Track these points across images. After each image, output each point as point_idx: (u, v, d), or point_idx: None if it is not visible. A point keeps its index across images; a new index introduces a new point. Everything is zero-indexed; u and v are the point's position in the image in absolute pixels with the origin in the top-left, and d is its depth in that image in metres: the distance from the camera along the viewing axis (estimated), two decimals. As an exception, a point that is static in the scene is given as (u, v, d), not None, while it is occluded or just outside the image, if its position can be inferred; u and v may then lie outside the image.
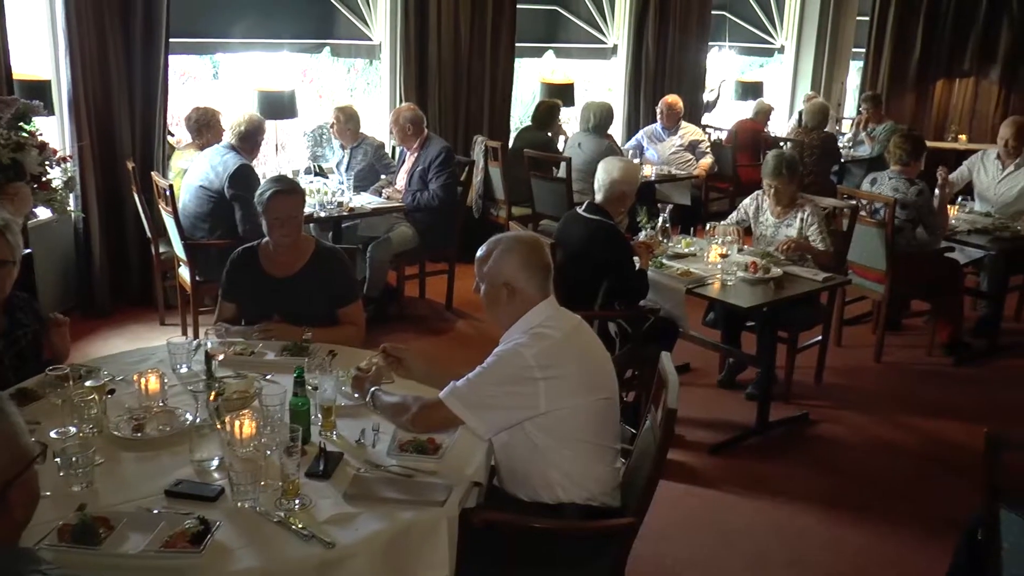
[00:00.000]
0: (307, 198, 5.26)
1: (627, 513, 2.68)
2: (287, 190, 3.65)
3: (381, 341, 3.11)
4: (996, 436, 2.51)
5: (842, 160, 8.50)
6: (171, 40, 5.98)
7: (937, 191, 5.82)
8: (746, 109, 9.46)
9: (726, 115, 9.76)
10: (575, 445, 2.65)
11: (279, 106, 6.50)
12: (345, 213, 5.78)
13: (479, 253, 2.79)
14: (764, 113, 8.98)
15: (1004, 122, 6.59)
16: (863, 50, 10.83)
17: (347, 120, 6.37)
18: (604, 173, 4.50)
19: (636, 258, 4.52)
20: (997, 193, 6.48)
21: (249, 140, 5.49)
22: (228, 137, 5.54)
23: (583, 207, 4.54)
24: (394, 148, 6.85)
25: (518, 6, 7.66)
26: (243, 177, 5.26)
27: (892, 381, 5.62)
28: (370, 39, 7.38)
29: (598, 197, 4.49)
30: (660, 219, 5.11)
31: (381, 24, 7.29)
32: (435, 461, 2.55)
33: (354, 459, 2.57)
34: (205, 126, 5.85)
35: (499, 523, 2.60)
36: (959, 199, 6.51)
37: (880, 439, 4.83)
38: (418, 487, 2.42)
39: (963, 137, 10.39)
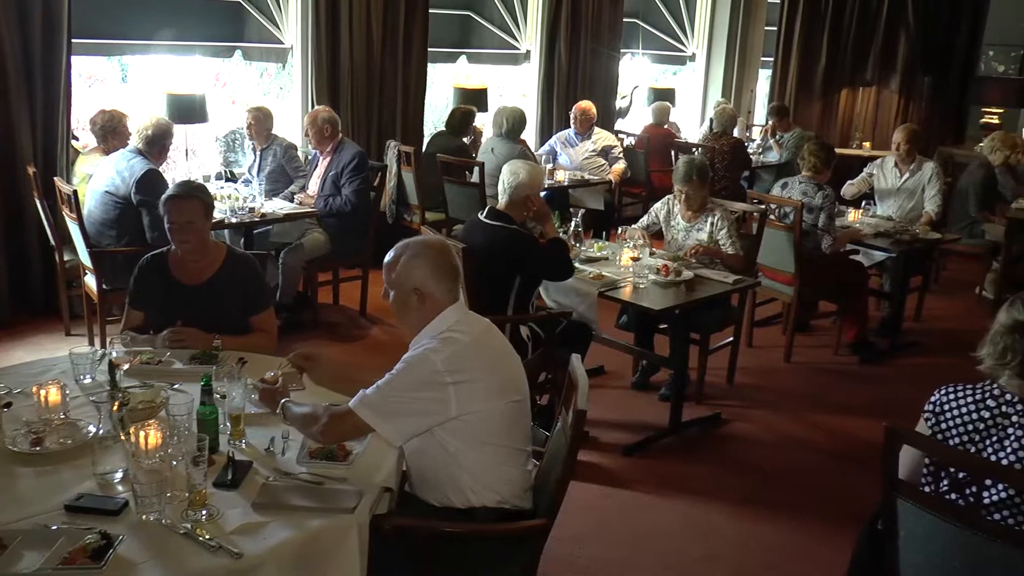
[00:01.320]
0: (218, 204, 5.20)
1: (539, 515, 2.69)
2: (181, 194, 3.58)
3: (294, 349, 3.07)
4: (894, 430, 2.59)
5: (752, 166, 8.68)
6: (75, 41, 5.80)
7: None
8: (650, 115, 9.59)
9: (639, 121, 9.88)
10: (485, 448, 2.66)
11: (189, 110, 6.37)
12: (257, 219, 5.70)
13: (387, 259, 2.77)
14: (663, 112, 9.09)
15: (897, 129, 6.86)
16: (772, 59, 11.10)
17: (264, 119, 6.29)
18: (510, 175, 4.47)
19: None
20: (896, 198, 6.73)
21: (156, 144, 5.37)
22: (135, 141, 5.40)
23: (484, 213, 4.51)
24: (305, 155, 6.77)
25: (431, 11, 7.65)
26: (150, 182, 5.14)
27: (801, 380, 5.77)
28: (282, 43, 7.29)
29: (501, 200, 4.47)
30: (572, 223, 5.16)
31: (292, 27, 7.21)
32: (345, 468, 2.53)
33: (263, 468, 2.53)
34: (111, 130, 5.69)
35: (410, 528, 2.59)
36: (863, 203, 6.72)
37: (790, 436, 4.96)
38: (328, 494, 2.40)
39: (867, 144, 10.72)
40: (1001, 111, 9.60)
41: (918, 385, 2.77)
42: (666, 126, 9.08)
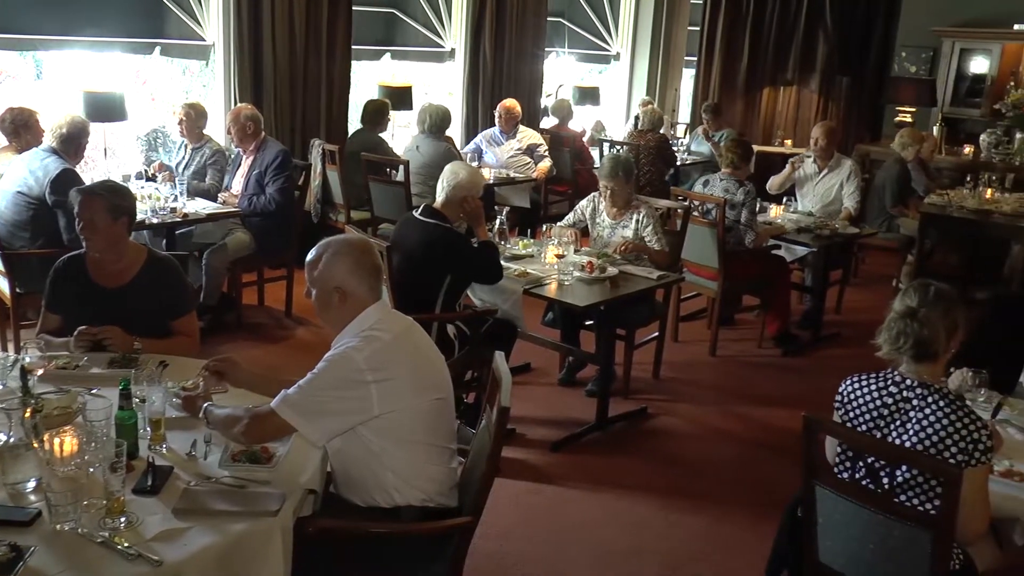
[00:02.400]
0: (139, 204, 5.07)
1: (464, 512, 2.70)
2: (84, 191, 3.51)
3: (219, 351, 3.05)
4: (812, 419, 2.67)
5: (676, 163, 8.80)
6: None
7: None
8: (583, 113, 9.65)
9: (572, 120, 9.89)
10: (409, 446, 2.66)
11: (107, 108, 6.21)
12: (179, 219, 5.59)
13: (309, 257, 2.75)
14: (563, 110, 9.14)
15: (816, 125, 7.03)
16: (695, 58, 11.26)
17: (197, 116, 6.16)
18: (451, 174, 4.48)
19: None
20: (816, 194, 6.89)
21: (72, 143, 5.23)
22: (49, 140, 5.24)
23: (419, 211, 4.50)
24: (228, 154, 6.66)
25: (354, 8, 7.59)
26: (65, 182, 4.99)
27: (726, 373, 5.87)
28: (203, 39, 7.17)
29: (438, 199, 4.47)
30: (497, 221, 5.18)
31: (214, 24, 7.09)
32: (268, 470, 2.51)
33: (185, 472, 2.50)
34: (22, 127, 5.51)
35: (335, 530, 2.58)
36: (784, 199, 6.87)
37: (715, 428, 5.05)
38: (251, 498, 2.37)
39: (788, 142, 10.95)
40: (914, 110, 9.87)
41: (839, 375, 2.84)
42: (570, 125, 9.10)
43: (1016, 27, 9.54)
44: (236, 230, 5.95)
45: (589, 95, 9.89)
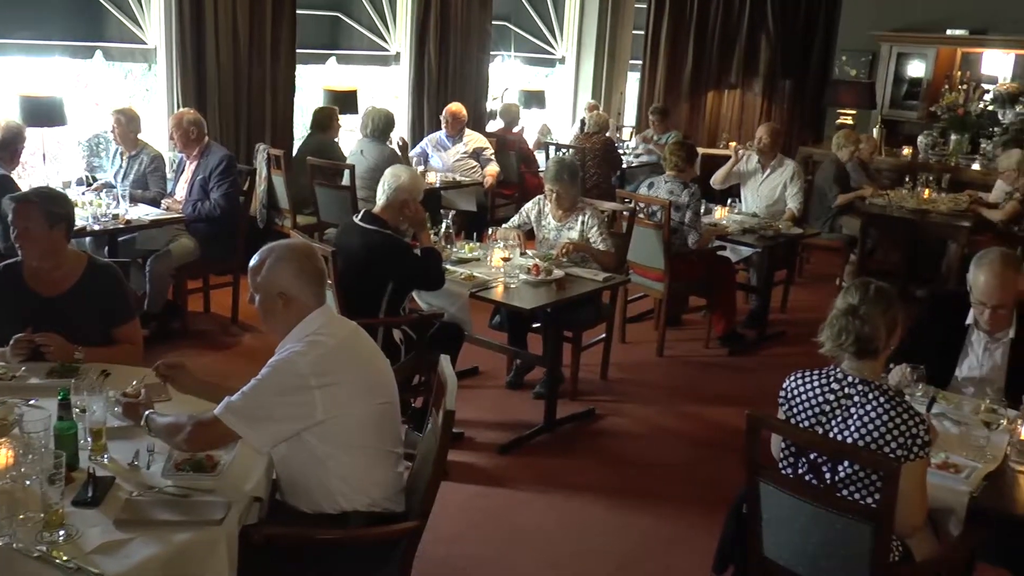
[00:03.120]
0: (80, 211, 4.99)
1: (411, 517, 2.69)
2: (18, 198, 3.45)
3: (163, 359, 2.99)
4: (755, 417, 2.71)
5: (623, 166, 8.86)
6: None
7: None
8: (529, 117, 9.67)
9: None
10: (354, 452, 2.65)
11: (46, 113, 6.07)
12: (121, 226, 5.50)
13: (252, 263, 2.73)
14: (512, 113, 9.16)
15: (761, 125, 7.13)
16: (640, 62, 11.34)
17: (128, 122, 6.03)
18: (392, 177, 4.46)
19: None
20: (760, 195, 6.99)
21: (6, 149, 5.13)
22: (-18, 146, 5.14)
23: (360, 216, 4.48)
24: (171, 160, 6.57)
25: (298, 11, 7.54)
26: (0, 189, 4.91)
27: (673, 373, 5.92)
28: (144, 43, 7.06)
29: (379, 203, 4.45)
30: (443, 225, 5.17)
31: (156, 28, 6.99)
32: (213, 479, 2.48)
33: (127, 483, 2.46)
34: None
35: (281, 537, 2.56)
36: (728, 201, 6.95)
37: (663, 428, 5.09)
38: (195, 506, 2.35)
39: (733, 144, 11.02)
40: (854, 112, 10.04)
41: (784, 373, 2.89)
42: (516, 129, 9.10)
43: (949, 32, 9.77)
44: (180, 236, 5.87)
45: (535, 98, 9.92)
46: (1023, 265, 3.51)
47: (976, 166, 8.73)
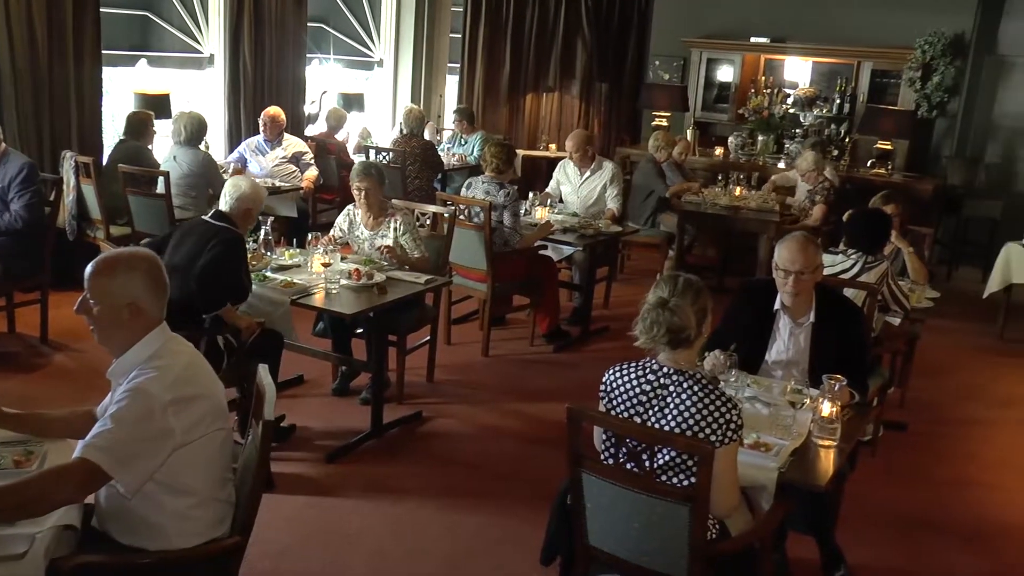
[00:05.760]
0: None
1: (233, 533, 2.59)
2: None
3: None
4: (575, 410, 2.76)
5: (444, 168, 8.86)
6: None
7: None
8: (349, 120, 9.53)
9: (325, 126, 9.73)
10: (197, 489, 2.53)
11: None
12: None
13: (93, 268, 2.49)
14: (337, 118, 9.03)
15: (569, 137, 7.34)
16: (459, 65, 11.39)
17: None
18: (232, 188, 4.43)
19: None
20: (580, 196, 7.16)
21: None
22: None
23: (210, 214, 4.45)
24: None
25: (103, 10, 7.12)
26: None
27: (499, 372, 5.96)
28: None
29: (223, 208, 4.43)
30: (262, 231, 5.03)
31: (-61, 28, 6.47)
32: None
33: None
34: None
35: (96, 565, 2.39)
36: (548, 202, 7.06)
37: (490, 427, 5.11)
38: (-8, 539, 2.16)
39: (552, 146, 11.29)
40: (668, 115, 10.41)
41: (608, 367, 2.95)
42: (340, 135, 8.97)
43: (753, 39, 10.29)
44: (-23, 252, 5.44)
45: (354, 101, 9.80)
46: (820, 247, 3.73)
47: (782, 164, 9.24)
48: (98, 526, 2.59)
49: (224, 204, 4.42)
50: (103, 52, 7.20)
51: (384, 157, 8.27)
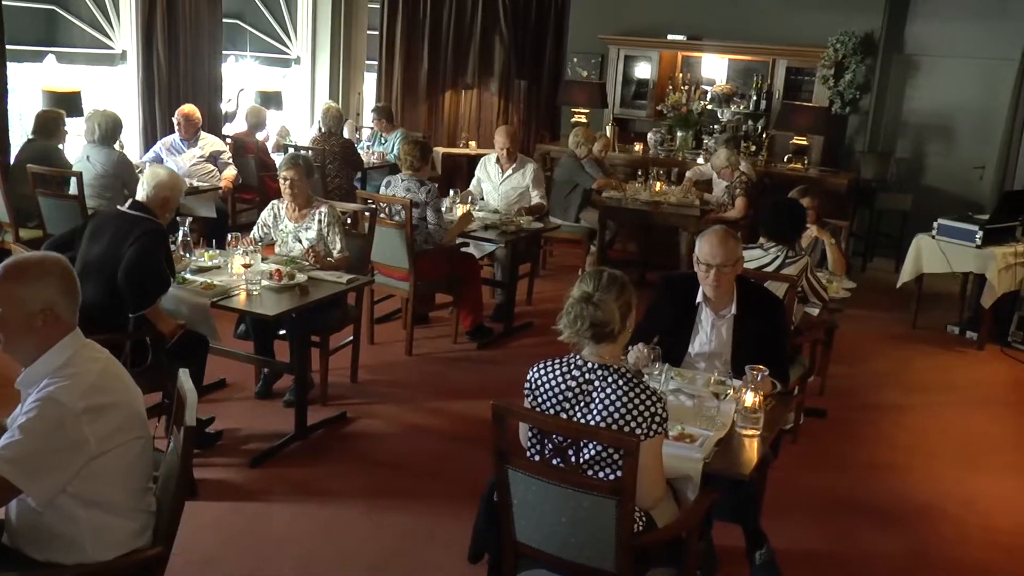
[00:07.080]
0: None
1: (156, 542, 2.53)
2: None
3: None
4: (499, 407, 2.76)
5: (364, 166, 8.80)
6: None
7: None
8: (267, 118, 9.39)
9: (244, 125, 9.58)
10: (113, 502, 2.46)
11: None
12: None
13: (0, 273, 2.40)
14: (257, 116, 8.89)
15: (497, 131, 7.33)
16: (377, 62, 11.31)
17: None
18: (151, 176, 4.35)
19: None
20: (501, 193, 7.18)
21: None
22: None
23: (127, 204, 4.33)
24: None
25: (6, 3, 6.85)
26: None
27: (422, 371, 5.95)
28: None
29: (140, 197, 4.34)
30: (180, 233, 4.93)
31: None
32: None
33: None
34: None
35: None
36: (470, 199, 7.06)
37: (415, 426, 5.10)
38: None
39: (473, 143, 11.28)
40: (588, 111, 10.48)
41: (532, 363, 2.97)
42: (260, 134, 8.82)
43: (670, 37, 10.42)
44: None
45: (272, 99, 9.64)
46: (740, 241, 3.80)
47: (700, 160, 9.37)
48: (9, 543, 2.52)
49: (141, 193, 4.32)
50: (7, 47, 6.94)
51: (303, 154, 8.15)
